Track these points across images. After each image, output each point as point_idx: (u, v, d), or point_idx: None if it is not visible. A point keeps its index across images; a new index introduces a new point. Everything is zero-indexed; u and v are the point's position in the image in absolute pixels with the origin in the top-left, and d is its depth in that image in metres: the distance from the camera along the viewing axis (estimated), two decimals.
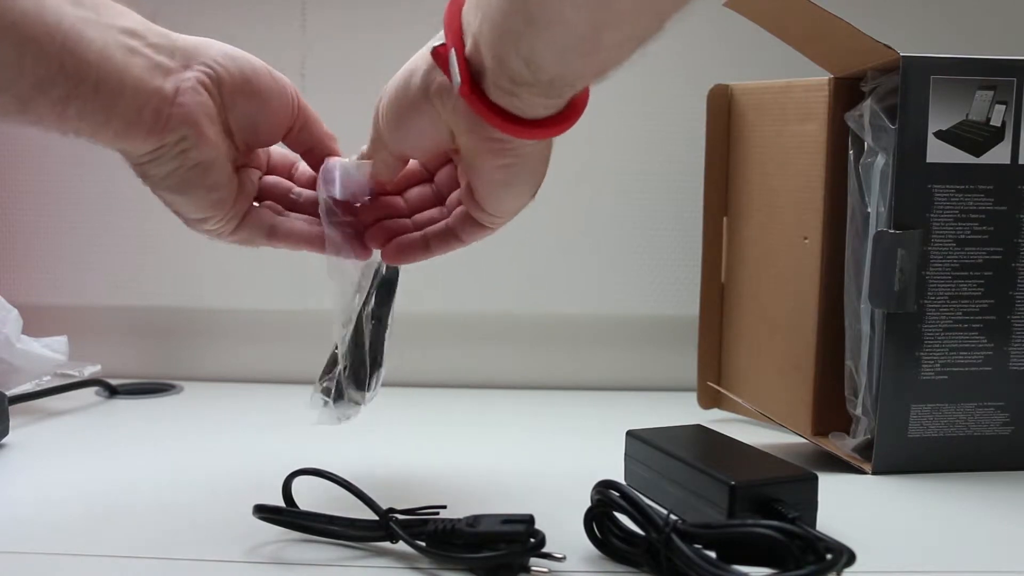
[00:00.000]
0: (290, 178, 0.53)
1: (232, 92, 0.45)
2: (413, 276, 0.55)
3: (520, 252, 0.82)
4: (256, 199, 0.51)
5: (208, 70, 0.44)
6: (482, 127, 0.41)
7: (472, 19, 0.38)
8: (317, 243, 0.51)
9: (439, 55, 0.40)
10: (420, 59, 0.43)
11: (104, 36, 0.40)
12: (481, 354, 0.83)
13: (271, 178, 0.52)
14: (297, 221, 0.51)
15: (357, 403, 0.53)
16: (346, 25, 0.81)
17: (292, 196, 0.52)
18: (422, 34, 0.50)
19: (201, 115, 0.44)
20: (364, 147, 0.49)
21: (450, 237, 0.50)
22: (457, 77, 0.39)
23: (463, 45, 0.39)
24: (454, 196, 0.50)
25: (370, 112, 0.47)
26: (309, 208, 0.51)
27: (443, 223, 0.50)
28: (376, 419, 0.72)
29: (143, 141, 0.43)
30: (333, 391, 0.53)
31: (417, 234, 0.50)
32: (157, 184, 0.46)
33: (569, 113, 0.41)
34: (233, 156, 0.47)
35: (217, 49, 0.45)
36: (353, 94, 0.48)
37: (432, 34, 0.44)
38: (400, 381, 0.81)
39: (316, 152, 0.50)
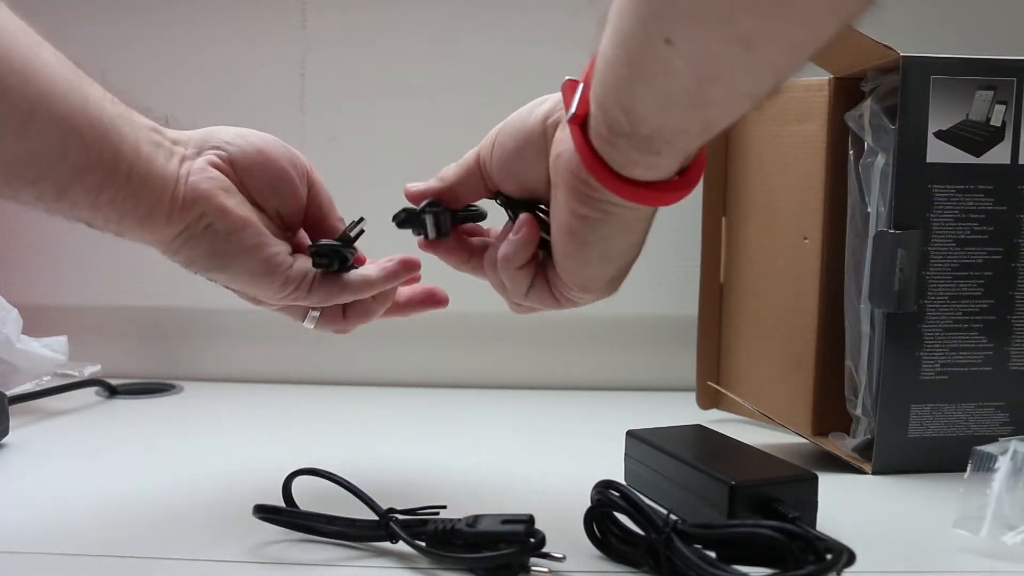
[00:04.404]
0: None
1: (247, 166, 0.47)
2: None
3: None
4: None
5: (219, 151, 0.47)
6: (577, 167, 0.39)
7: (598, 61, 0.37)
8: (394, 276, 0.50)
9: (568, 85, 0.40)
10: (552, 95, 0.43)
11: (135, 131, 0.44)
12: (481, 354, 0.83)
13: None
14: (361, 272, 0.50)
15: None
16: (346, 25, 0.80)
17: None
18: (421, 34, 0.50)
19: (213, 189, 0.45)
20: (444, 170, 0.48)
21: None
22: (573, 107, 0.38)
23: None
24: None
25: (370, 110, 0.47)
26: None
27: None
28: (376, 419, 0.73)
29: (165, 225, 0.45)
30: None
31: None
32: (202, 267, 0.47)
33: (677, 184, 0.39)
34: (273, 228, 0.48)
35: (226, 132, 0.48)
36: (353, 93, 0.48)
37: (430, 35, 0.44)
38: (401, 381, 0.81)
39: (322, 226, 0.51)
